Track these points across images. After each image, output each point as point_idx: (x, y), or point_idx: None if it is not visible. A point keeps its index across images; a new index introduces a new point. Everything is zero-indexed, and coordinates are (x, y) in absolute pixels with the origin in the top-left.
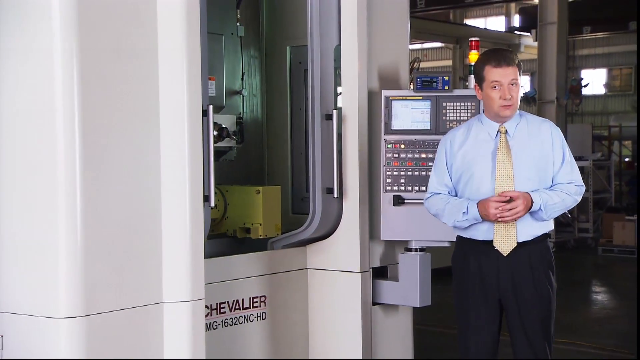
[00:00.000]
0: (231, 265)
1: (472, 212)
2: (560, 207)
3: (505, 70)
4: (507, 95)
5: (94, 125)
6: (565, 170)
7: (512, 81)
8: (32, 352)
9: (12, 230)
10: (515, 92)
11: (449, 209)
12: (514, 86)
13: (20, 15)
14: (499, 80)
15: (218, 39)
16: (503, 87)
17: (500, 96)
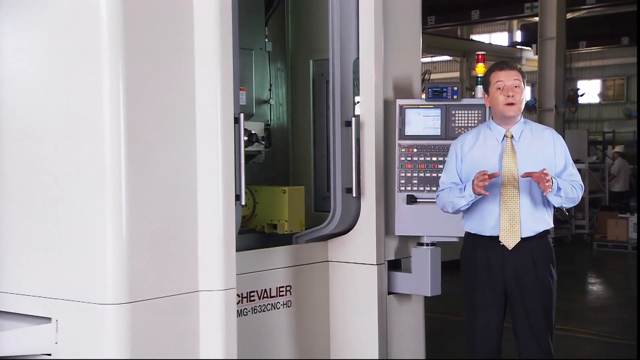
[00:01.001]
0: (260, 258)
1: (468, 189)
2: (569, 194)
3: (508, 72)
4: (510, 93)
5: (138, 128)
6: (567, 172)
7: (515, 82)
8: (83, 335)
9: (64, 225)
10: (519, 95)
11: (452, 194)
12: (517, 88)
13: (68, 15)
14: (502, 80)
15: (248, 53)
16: (507, 86)
17: (504, 95)
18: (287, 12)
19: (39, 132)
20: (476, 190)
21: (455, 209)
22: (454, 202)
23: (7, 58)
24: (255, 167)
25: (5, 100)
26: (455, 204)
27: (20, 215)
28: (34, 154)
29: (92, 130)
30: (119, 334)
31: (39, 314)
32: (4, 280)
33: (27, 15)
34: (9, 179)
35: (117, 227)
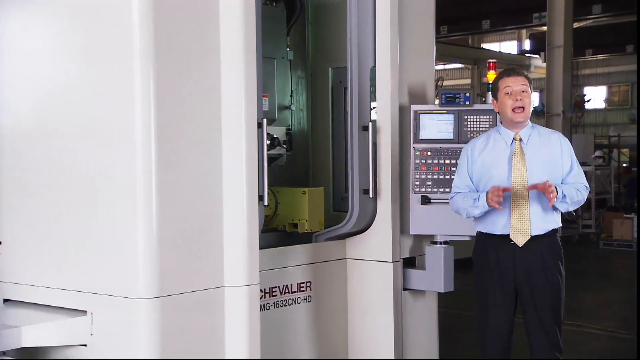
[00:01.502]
0: (281, 255)
1: (482, 200)
2: (575, 198)
3: (515, 78)
4: (518, 97)
5: (167, 131)
6: (573, 174)
7: (523, 87)
8: (116, 327)
9: (99, 224)
10: (526, 99)
11: (465, 202)
12: (525, 93)
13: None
14: (510, 86)
15: (271, 62)
16: (514, 91)
17: (512, 99)
18: (307, 22)
19: (72, 134)
20: (490, 204)
21: (469, 216)
22: (467, 210)
23: (35, 59)
24: (277, 170)
25: (37, 102)
26: (469, 212)
27: (58, 215)
28: (69, 155)
29: (123, 133)
30: (149, 326)
31: (75, 307)
32: (43, 275)
33: (56, 16)
34: (48, 180)
35: (148, 226)
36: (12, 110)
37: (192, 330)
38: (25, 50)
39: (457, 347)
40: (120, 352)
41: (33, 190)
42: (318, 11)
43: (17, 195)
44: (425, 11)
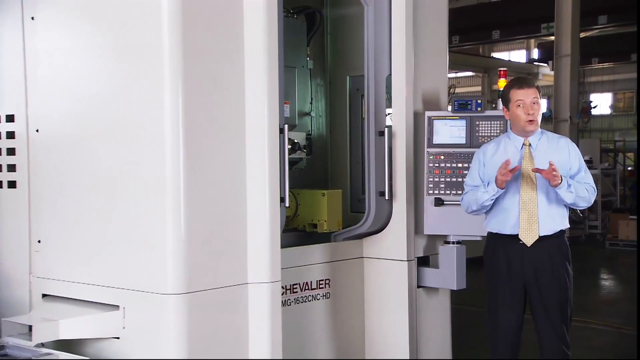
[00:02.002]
0: (302, 254)
1: (491, 185)
2: (581, 194)
3: (527, 91)
4: (530, 111)
5: (195, 136)
6: (580, 176)
7: (534, 99)
8: (147, 321)
9: (130, 223)
10: (537, 110)
11: (475, 194)
12: (535, 104)
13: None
14: (522, 99)
15: (292, 70)
16: (526, 104)
17: (524, 112)
18: (326, 33)
19: (104, 137)
20: (499, 180)
21: (479, 204)
22: (477, 198)
23: (69, 67)
24: (298, 173)
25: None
26: (479, 199)
27: (92, 214)
28: (101, 157)
29: (153, 136)
30: (177, 320)
31: (108, 302)
32: (78, 271)
33: (89, 25)
34: (81, 181)
35: (176, 226)
36: (48, 116)
37: (218, 324)
38: (60, 59)
39: (469, 343)
40: (151, 345)
41: (68, 191)
42: (336, 22)
43: (53, 196)
44: (438, 22)
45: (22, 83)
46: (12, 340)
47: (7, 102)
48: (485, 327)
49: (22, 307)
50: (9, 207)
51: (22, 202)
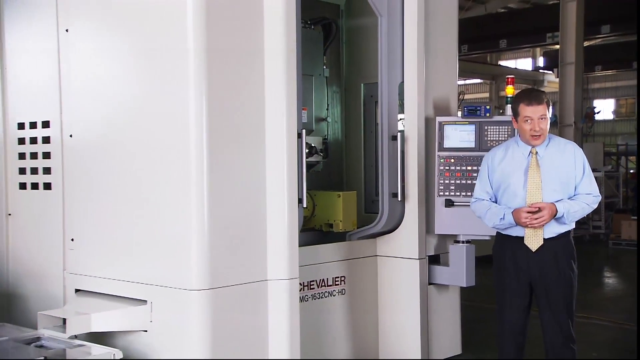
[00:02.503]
0: (318, 252)
1: (508, 219)
2: (580, 214)
3: (535, 108)
4: (537, 128)
5: (218, 141)
6: (585, 183)
7: (542, 116)
8: (173, 315)
9: (158, 224)
10: (544, 125)
11: (490, 215)
12: (543, 120)
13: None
14: (530, 116)
15: (309, 78)
16: (534, 121)
17: (530, 128)
18: (342, 43)
19: (132, 141)
20: (523, 223)
21: (491, 225)
22: (494, 222)
23: (101, 77)
24: (315, 175)
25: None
26: (495, 224)
27: (121, 214)
28: (129, 161)
29: (178, 142)
30: (201, 315)
31: (136, 297)
32: (108, 268)
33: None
34: (112, 183)
35: (200, 225)
36: (80, 122)
37: (239, 318)
38: (92, 68)
39: (479, 337)
40: (176, 338)
41: (99, 192)
42: (351, 33)
43: (85, 197)
44: (448, 32)
45: (57, 91)
46: (47, 332)
47: (43, 109)
48: (493, 322)
49: (56, 301)
50: (44, 207)
51: (57, 203)
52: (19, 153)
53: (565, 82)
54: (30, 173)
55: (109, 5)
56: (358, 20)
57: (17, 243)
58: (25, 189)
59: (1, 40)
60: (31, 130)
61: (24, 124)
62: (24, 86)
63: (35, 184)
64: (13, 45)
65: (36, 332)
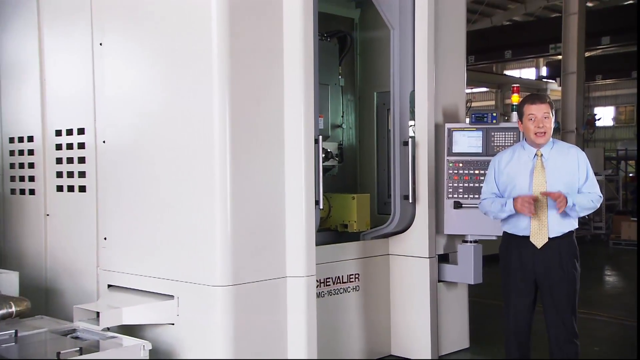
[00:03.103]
0: (334, 251)
1: (509, 206)
2: (586, 206)
3: (539, 106)
4: (540, 124)
5: (240, 146)
6: (588, 185)
7: (545, 114)
8: (198, 309)
9: (184, 224)
10: (548, 123)
11: (493, 206)
12: (547, 119)
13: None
14: (534, 113)
15: (326, 87)
16: (537, 118)
17: (535, 125)
18: (356, 54)
19: (160, 146)
20: (520, 210)
21: (497, 218)
22: (495, 214)
23: (131, 87)
24: (331, 178)
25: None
26: (497, 215)
27: (149, 215)
28: (157, 164)
29: (202, 146)
30: (224, 309)
31: (164, 292)
32: (138, 265)
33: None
34: (141, 185)
35: (223, 226)
36: (113, 128)
37: (260, 312)
38: (123, 79)
39: (486, 332)
40: (201, 331)
41: (130, 194)
42: (365, 45)
43: (117, 199)
44: (456, 44)
45: (91, 100)
46: (82, 324)
47: (79, 116)
48: (499, 318)
49: (90, 295)
50: (79, 208)
51: (91, 204)
52: (56, 158)
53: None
54: (67, 176)
55: (139, 22)
56: (371, 32)
57: (54, 242)
58: (62, 192)
59: (41, 54)
60: (67, 136)
61: (61, 131)
62: (61, 96)
63: (71, 186)
64: (52, 58)
65: (72, 324)
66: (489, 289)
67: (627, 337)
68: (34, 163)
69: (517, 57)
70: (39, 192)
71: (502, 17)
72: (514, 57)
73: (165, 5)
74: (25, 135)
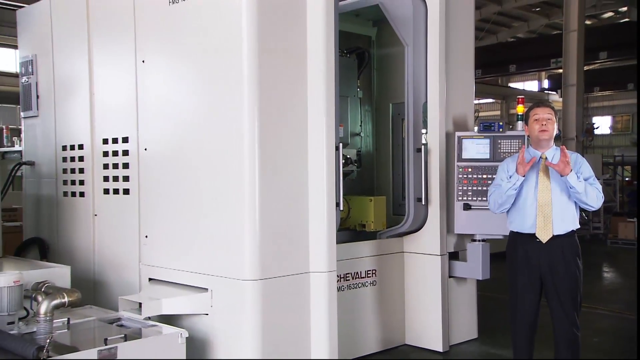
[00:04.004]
0: (353, 249)
1: (513, 176)
2: (589, 191)
3: (543, 109)
4: (543, 122)
5: (267, 154)
6: (590, 181)
7: (548, 115)
8: (230, 301)
9: (216, 223)
10: (551, 125)
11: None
12: (550, 120)
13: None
14: (538, 114)
15: (345, 99)
16: (541, 118)
17: (539, 124)
18: (373, 69)
19: (195, 152)
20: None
21: (504, 195)
22: (502, 189)
23: (169, 100)
24: (350, 182)
25: (171, 130)
26: (503, 189)
27: (186, 215)
28: (193, 169)
29: (233, 153)
30: (253, 301)
31: (199, 285)
32: (176, 260)
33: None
34: (178, 188)
35: (252, 226)
36: (153, 137)
37: (286, 304)
38: (163, 93)
39: (492, 323)
40: (232, 321)
41: (168, 197)
42: (381, 60)
43: (157, 201)
44: (465, 59)
45: (134, 112)
46: (126, 314)
47: (123, 126)
48: (506, 311)
49: (133, 288)
50: (123, 209)
51: (134, 205)
52: (103, 164)
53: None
54: (112, 180)
55: (177, 42)
56: (387, 49)
57: (101, 239)
58: (108, 194)
59: (91, 71)
60: (113, 144)
61: (107, 139)
62: (108, 108)
63: (116, 189)
64: (100, 74)
65: (117, 313)
66: (496, 284)
67: (624, 329)
68: (84, 168)
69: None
70: (88, 195)
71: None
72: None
73: (199, 29)
74: (76, 143)
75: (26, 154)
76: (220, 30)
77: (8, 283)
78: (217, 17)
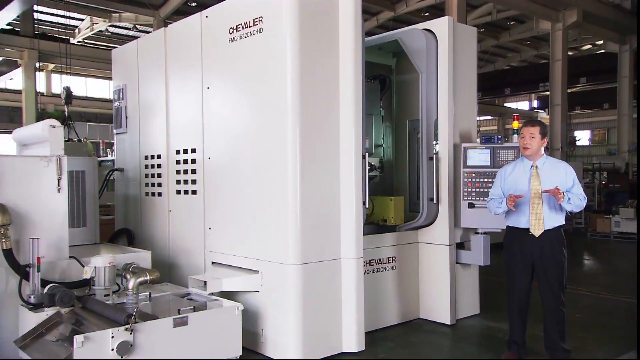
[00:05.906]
0: (377, 239)
1: (503, 203)
2: (576, 202)
3: (528, 129)
4: (525, 141)
5: (307, 160)
6: (575, 188)
7: (531, 135)
8: (276, 282)
9: (264, 215)
10: (534, 141)
11: (494, 204)
12: (532, 139)
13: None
14: (523, 134)
15: (370, 117)
16: (525, 137)
17: (522, 142)
18: (393, 92)
19: (247, 159)
20: (508, 206)
21: (496, 213)
22: (495, 209)
23: (225, 117)
24: (373, 185)
25: (228, 141)
26: (495, 210)
27: (240, 210)
28: (246, 172)
29: (279, 161)
30: (295, 282)
31: (251, 268)
32: (232, 247)
33: (238, 85)
34: (234, 188)
35: (294, 219)
36: (215, 147)
37: (322, 285)
38: (223, 113)
39: (492, 302)
40: (278, 297)
41: (227, 196)
42: (400, 84)
43: (217, 200)
44: (469, 83)
45: (200, 128)
46: (194, 290)
47: (192, 140)
48: (503, 292)
49: (199, 269)
50: (191, 206)
51: (199, 203)
52: (175, 170)
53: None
54: (183, 183)
55: (234, 72)
56: (404, 76)
57: (174, 230)
58: (180, 194)
59: (167, 95)
60: (184, 154)
61: (179, 150)
62: (180, 124)
63: (186, 190)
64: (174, 99)
65: (187, 289)
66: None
67: (602, 306)
68: (161, 174)
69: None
70: (164, 195)
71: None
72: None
73: (252, 62)
74: (155, 153)
75: (117, 162)
76: (269, 65)
77: (104, 264)
78: (267, 54)
